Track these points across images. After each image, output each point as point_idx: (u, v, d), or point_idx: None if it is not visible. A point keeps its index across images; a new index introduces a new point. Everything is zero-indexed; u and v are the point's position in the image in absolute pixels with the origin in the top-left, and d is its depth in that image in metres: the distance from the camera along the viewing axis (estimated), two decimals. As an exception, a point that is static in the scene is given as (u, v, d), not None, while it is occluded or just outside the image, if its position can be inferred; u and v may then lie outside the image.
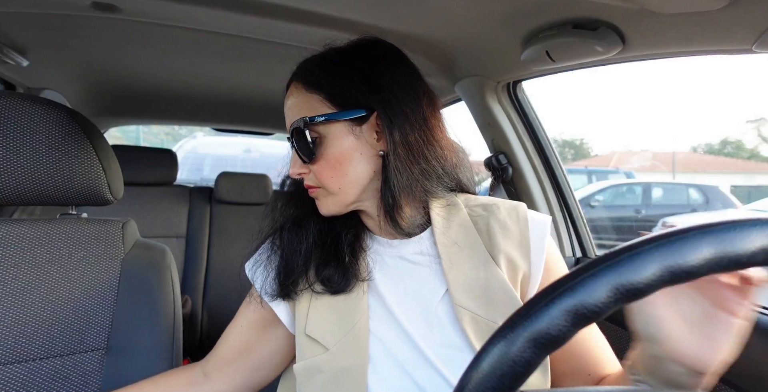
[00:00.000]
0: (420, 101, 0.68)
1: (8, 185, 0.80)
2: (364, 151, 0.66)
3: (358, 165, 0.66)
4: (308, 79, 0.68)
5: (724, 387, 0.90)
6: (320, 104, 0.66)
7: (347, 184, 0.67)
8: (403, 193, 0.66)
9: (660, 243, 0.27)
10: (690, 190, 8.55)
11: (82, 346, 0.84)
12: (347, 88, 0.66)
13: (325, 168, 0.66)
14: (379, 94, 0.65)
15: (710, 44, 0.84)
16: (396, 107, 0.65)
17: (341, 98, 0.66)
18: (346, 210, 0.71)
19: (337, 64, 0.68)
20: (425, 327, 0.66)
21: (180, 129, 9.92)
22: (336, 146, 0.66)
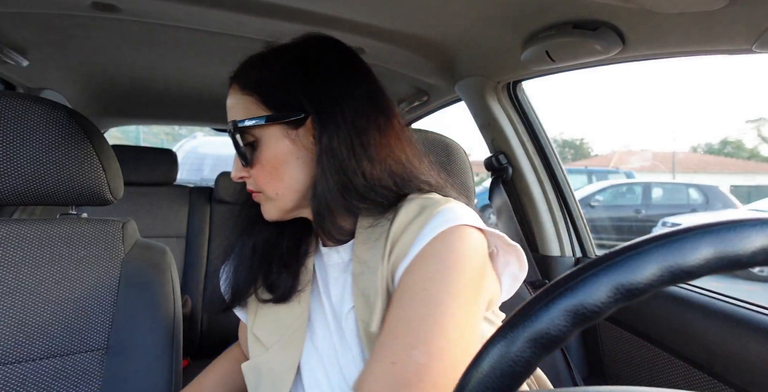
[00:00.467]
0: (359, 108, 0.63)
1: (8, 185, 0.80)
2: (301, 155, 0.63)
3: (295, 170, 0.64)
4: (243, 80, 0.65)
5: (724, 387, 0.90)
6: (255, 107, 0.63)
7: (284, 189, 0.64)
8: (330, 204, 0.62)
9: (660, 243, 0.27)
10: (690, 190, 8.55)
11: (82, 346, 0.84)
12: (282, 89, 0.63)
13: (262, 173, 0.64)
14: (313, 96, 0.62)
15: (710, 44, 0.84)
16: (329, 111, 0.61)
17: (275, 100, 0.63)
18: (289, 217, 0.68)
19: (273, 65, 0.65)
20: (338, 337, 0.65)
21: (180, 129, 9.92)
22: (271, 150, 0.63)
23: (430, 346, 0.51)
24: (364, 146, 0.62)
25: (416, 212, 0.60)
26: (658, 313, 1.08)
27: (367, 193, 0.62)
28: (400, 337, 0.53)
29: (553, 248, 1.48)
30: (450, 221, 0.57)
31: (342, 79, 0.64)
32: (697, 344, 0.97)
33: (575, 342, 1.38)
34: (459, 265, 0.55)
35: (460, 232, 0.57)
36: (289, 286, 0.69)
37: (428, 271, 0.55)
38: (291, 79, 0.63)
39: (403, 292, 0.56)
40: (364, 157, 0.62)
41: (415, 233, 0.58)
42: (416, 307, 0.53)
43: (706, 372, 0.94)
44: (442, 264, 0.55)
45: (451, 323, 0.53)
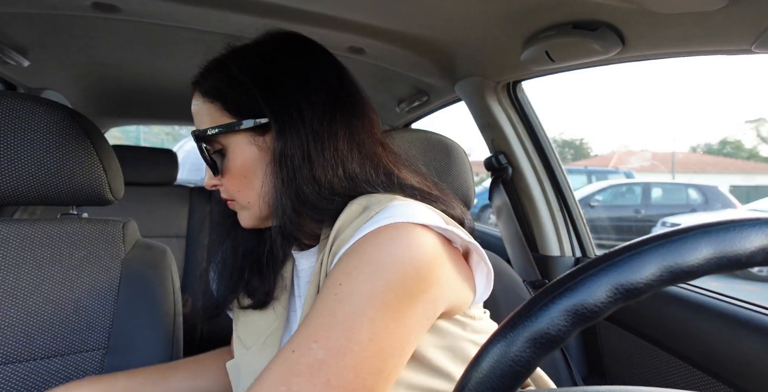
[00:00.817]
0: (317, 110, 0.59)
1: (9, 185, 0.80)
2: (269, 162, 0.60)
3: (265, 178, 0.60)
4: (204, 86, 0.63)
5: (724, 387, 0.90)
6: (218, 114, 0.61)
7: (255, 197, 0.61)
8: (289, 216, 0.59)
9: (660, 243, 0.27)
10: (689, 190, 8.55)
11: (82, 346, 0.85)
12: (242, 95, 0.60)
13: (232, 181, 0.62)
14: (271, 100, 0.59)
15: (710, 44, 0.84)
16: (287, 115, 0.58)
17: (237, 106, 0.60)
18: (265, 224, 0.66)
19: (233, 69, 0.61)
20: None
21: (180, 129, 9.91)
22: (238, 158, 0.61)
23: (330, 342, 0.47)
24: (318, 151, 0.58)
25: (357, 212, 0.56)
26: (658, 313, 1.08)
27: (318, 202, 0.58)
28: (306, 327, 0.49)
29: (553, 248, 1.48)
30: (387, 219, 0.52)
31: (303, 80, 0.60)
32: (697, 344, 0.97)
33: (575, 342, 1.38)
34: (382, 263, 0.50)
35: (394, 229, 0.51)
36: (264, 293, 0.68)
37: (347, 266, 0.51)
38: (251, 82, 0.60)
39: (324, 287, 0.52)
40: (317, 163, 0.58)
41: (350, 234, 0.54)
42: (328, 301, 0.50)
43: (706, 372, 0.94)
44: (363, 262, 0.50)
45: (360, 323, 0.48)
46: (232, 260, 0.71)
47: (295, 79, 0.60)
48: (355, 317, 0.48)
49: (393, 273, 0.50)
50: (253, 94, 0.59)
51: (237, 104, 0.60)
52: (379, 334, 0.49)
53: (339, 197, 0.59)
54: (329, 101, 0.60)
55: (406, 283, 0.50)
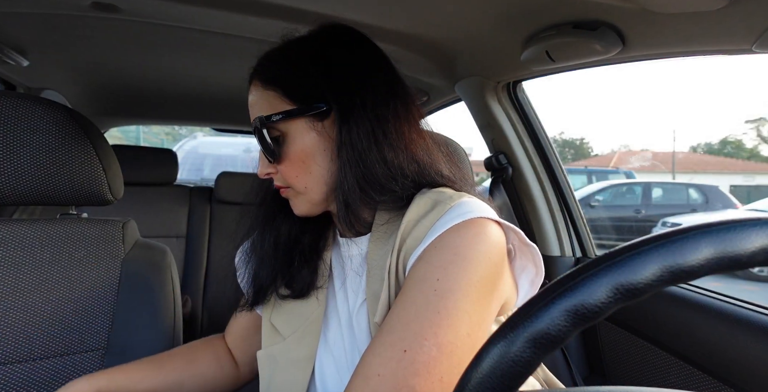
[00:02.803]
0: (379, 96, 0.62)
1: (8, 185, 0.80)
2: (328, 147, 0.62)
3: (323, 162, 0.63)
4: (265, 75, 0.65)
5: (724, 387, 0.90)
6: (278, 101, 0.62)
7: (313, 182, 0.63)
8: (350, 196, 0.61)
9: (660, 243, 0.27)
10: (690, 190, 8.55)
11: (82, 346, 0.85)
12: (304, 82, 0.62)
13: (290, 167, 0.63)
14: (333, 87, 0.61)
15: (710, 44, 0.84)
16: (349, 101, 0.61)
17: (299, 93, 0.62)
18: (318, 210, 0.67)
19: (294, 57, 0.64)
20: (348, 332, 0.65)
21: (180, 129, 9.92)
22: (298, 144, 0.62)
23: (440, 339, 0.49)
24: (385, 135, 0.61)
25: (429, 206, 0.59)
26: (658, 313, 1.08)
27: (387, 183, 0.61)
28: (411, 324, 0.50)
29: (553, 248, 1.48)
30: (466, 215, 0.55)
31: (362, 68, 0.64)
32: (697, 344, 0.97)
33: (575, 342, 1.38)
34: (474, 258, 0.53)
35: (476, 224, 0.55)
36: (307, 282, 0.69)
37: (442, 261, 0.53)
38: (312, 70, 0.62)
39: (415, 280, 0.54)
40: (385, 145, 0.61)
41: (427, 226, 0.57)
42: (428, 296, 0.51)
43: (706, 372, 0.94)
44: (457, 256, 0.53)
45: (462, 318, 0.50)
46: (272, 252, 0.71)
47: (355, 67, 0.63)
48: (457, 312, 0.50)
49: (482, 268, 0.53)
50: (315, 81, 0.61)
51: (298, 90, 0.62)
52: (474, 328, 0.51)
53: (407, 180, 0.62)
54: (387, 88, 0.64)
55: (490, 278, 0.54)
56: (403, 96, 0.65)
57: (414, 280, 0.54)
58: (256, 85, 0.65)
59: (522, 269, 0.62)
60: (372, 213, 0.65)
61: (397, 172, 0.61)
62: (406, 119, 0.64)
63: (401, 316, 0.52)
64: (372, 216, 0.65)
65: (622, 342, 1.20)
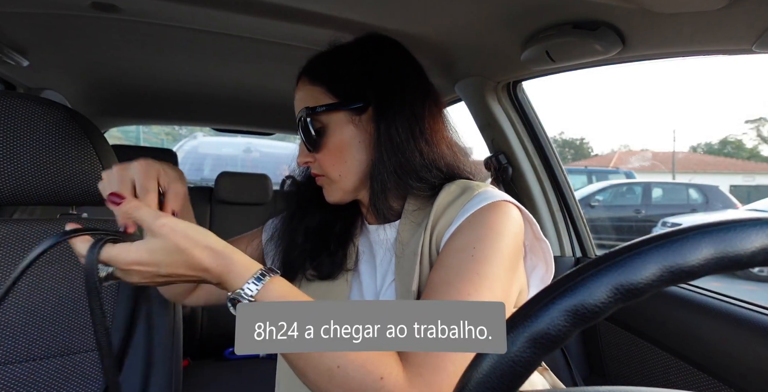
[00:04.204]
0: (416, 97, 0.70)
1: (8, 185, 0.80)
2: (363, 139, 0.69)
3: (357, 153, 0.70)
4: (312, 73, 0.72)
5: (724, 387, 0.90)
6: (323, 96, 0.69)
7: (346, 171, 0.70)
8: (387, 184, 0.68)
9: (660, 243, 0.27)
10: (690, 190, 8.55)
11: (82, 346, 0.85)
12: (347, 80, 0.70)
13: (328, 156, 0.70)
14: (375, 86, 0.69)
15: (710, 44, 0.84)
16: (389, 99, 0.68)
17: (341, 89, 0.69)
18: (349, 198, 0.74)
19: (339, 59, 0.73)
20: None
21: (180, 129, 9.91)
22: (337, 135, 0.69)
23: (480, 298, 0.54)
24: (421, 130, 0.69)
25: (458, 192, 0.67)
26: (658, 313, 1.08)
27: (423, 172, 0.68)
28: (453, 284, 0.56)
29: (553, 248, 1.48)
30: (493, 198, 0.63)
31: (400, 71, 0.72)
32: (697, 344, 0.97)
33: (575, 342, 1.38)
34: (505, 233, 0.60)
35: (503, 206, 0.63)
36: (338, 265, 0.74)
37: (476, 234, 0.60)
38: (356, 70, 0.70)
39: (453, 250, 0.60)
40: (421, 139, 0.69)
41: (457, 209, 0.64)
42: (467, 262, 0.57)
43: (706, 372, 0.94)
44: (490, 230, 0.60)
45: (497, 282, 0.56)
46: (303, 236, 0.76)
47: (394, 71, 0.72)
48: (493, 276, 0.57)
49: (512, 243, 0.61)
50: (358, 79, 0.70)
51: (341, 86, 0.69)
52: (505, 294, 0.58)
53: (439, 172, 0.69)
54: (422, 90, 0.72)
55: (517, 253, 0.62)
56: (435, 98, 0.74)
57: (452, 250, 0.61)
58: (304, 81, 0.72)
59: (533, 268, 0.69)
60: (401, 202, 0.72)
61: (431, 163, 0.69)
62: (438, 117, 0.73)
63: (443, 278, 0.58)
64: (400, 205, 0.72)
65: (622, 342, 1.20)
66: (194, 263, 0.52)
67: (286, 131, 2.91)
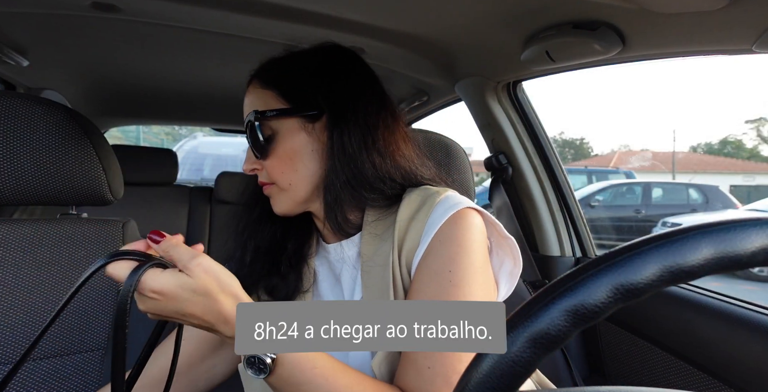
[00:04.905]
0: (371, 108, 0.68)
1: (8, 185, 0.80)
2: (316, 148, 0.67)
3: (309, 162, 0.67)
4: (264, 76, 0.70)
5: (724, 387, 0.90)
6: (274, 100, 0.67)
7: (297, 180, 0.67)
8: (340, 195, 0.66)
9: (660, 243, 0.27)
10: (690, 190, 8.55)
11: (82, 346, 0.85)
12: (300, 86, 0.68)
13: (277, 163, 0.67)
14: (330, 94, 0.67)
15: (710, 44, 0.84)
16: (343, 108, 0.67)
17: (294, 95, 0.67)
18: (299, 209, 0.70)
19: (294, 64, 0.70)
20: None
21: (180, 129, 9.92)
22: (288, 142, 0.67)
23: None
24: (374, 141, 0.67)
25: (418, 203, 0.65)
26: (658, 313, 1.08)
27: (376, 183, 0.66)
28: None
29: (553, 248, 1.48)
30: (455, 207, 0.62)
31: (356, 81, 0.70)
32: (697, 344, 0.97)
33: (575, 342, 1.38)
34: (473, 246, 0.60)
35: (466, 215, 0.62)
36: (293, 288, 0.71)
37: (449, 254, 0.59)
38: (310, 78, 0.68)
39: (429, 274, 0.60)
40: (374, 150, 0.66)
41: (422, 222, 0.63)
42: (446, 288, 0.57)
43: (706, 372, 0.94)
44: (461, 247, 0.60)
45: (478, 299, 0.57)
46: (253, 256, 0.73)
47: (350, 80, 0.70)
48: (474, 295, 0.58)
49: (481, 254, 0.61)
50: (313, 86, 0.67)
51: (295, 92, 0.67)
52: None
53: (393, 182, 0.67)
54: (377, 101, 0.70)
55: (486, 261, 0.62)
56: (391, 109, 0.72)
57: (428, 274, 0.60)
58: (255, 85, 0.70)
59: (500, 264, 0.68)
60: (359, 214, 0.70)
61: (385, 175, 0.67)
62: (394, 129, 0.70)
63: None
64: (358, 217, 0.70)
65: (622, 342, 1.20)
66: (216, 310, 0.51)
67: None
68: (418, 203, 0.65)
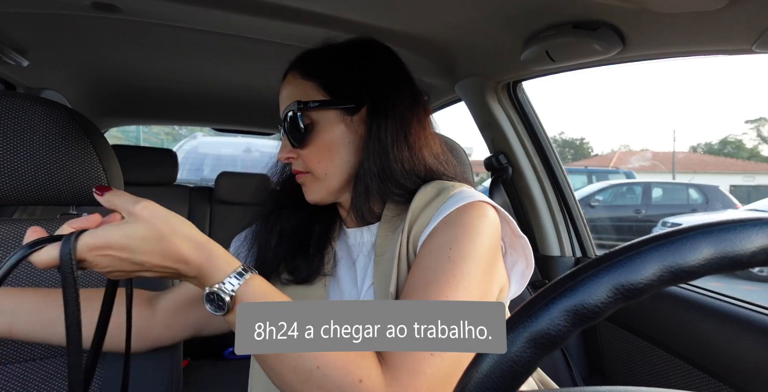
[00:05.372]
0: (406, 102, 0.70)
1: (8, 185, 0.80)
2: (352, 140, 0.69)
3: (345, 153, 0.69)
4: (305, 67, 0.71)
5: (723, 387, 0.90)
6: (314, 92, 0.69)
7: (333, 170, 0.69)
8: (370, 187, 0.68)
9: (660, 243, 0.27)
10: (690, 190, 8.55)
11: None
12: (342, 79, 0.69)
13: (315, 153, 0.69)
14: (370, 87, 0.69)
15: (710, 44, 0.84)
16: (383, 103, 0.68)
17: (335, 87, 0.69)
18: (331, 199, 0.72)
19: (334, 57, 0.72)
20: None
21: (180, 129, 9.91)
22: (327, 132, 0.68)
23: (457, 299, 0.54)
24: (406, 136, 0.69)
25: (433, 194, 0.66)
26: (658, 313, 1.08)
27: (402, 179, 0.68)
28: (430, 286, 0.56)
29: (553, 248, 1.48)
30: (469, 198, 0.63)
31: (394, 76, 0.72)
32: (697, 344, 0.97)
33: (575, 342, 1.38)
34: (481, 233, 0.60)
35: (479, 206, 0.63)
36: (315, 269, 0.72)
37: (453, 234, 0.60)
38: (351, 71, 0.70)
39: (429, 251, 0.60)
40: (405, 145, 0.68)
41: (433, 210, 0.64)
42: (444, 263, 0.57)
43: (706, 372, 0.94)
44: (466, 230, 0.60)
45: (473, 283, 0.56)
46: (277, 239, 0.74)
47: (389, 75, 0.72)
48: (470, 277, 0.57)
49: (488, 243, 0.60)
50: (354, 79, 0.69)
51: (336, 84, 0.69)
52: (483, 291, 0.58)
53: (417, 178, 0.69)
54: (412, 97, 0.72)
55: (493, 253, 0.61)
56: (423, 104, 0.74)
57: (428, 251, 0.60)
58: (295, 75, 0.71)
59: (513, 264, 0.69)
60: (381, 206, 0.72)
61: (411, 170, 0.69)
62: (424, 124, 0.72)
63: (421, 280, 0.58)
64: (380, 208, 0.71)
65: (622, 342, 1.20)
66: (173, 253, 0.49)
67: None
68: (433, 194, 0.66)
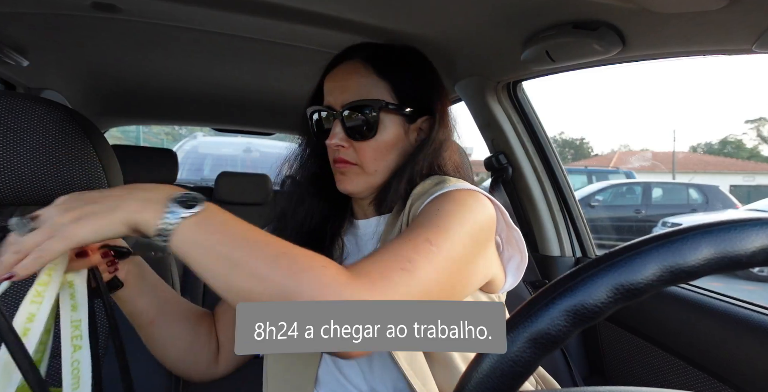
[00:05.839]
0: (450, 112, 0.78)
1: (8, 185, 0.80)
2: (404, 145, 0.74)
3: (396, 155, 0.74)
4: (381, 65, 0.73)
5: (723, 387, 0.90)
6: (387, 93, 0.72)
7: (383, 168, 0.73)
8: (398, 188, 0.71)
9: (660, 243, 0.27)
10: (690, 190, 8.56)
11: None
12: (410, 86, 0.74)
13: (372, 149, 0.72)
14: (430, 100, 0.75)
15: (710, 44, 0.84)
16: (440, 114, 0.74)
17: (404, 93, 0.73)
18: (367, 193, 0.75)
19: (406, 62, 0.76)
20: None
21: (180, 129, 9.91)
22: (388, 133, 0.72)
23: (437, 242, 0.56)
24: (449, 143, 0.76)
25: (434, 183, 0.70)
26: (658, 313, 1.08)
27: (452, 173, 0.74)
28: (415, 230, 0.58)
29: (553, 248, 1.48)
30: (462, 185, 0.67)
31: (441, 86, 0.78)
32: (697, 344, 0.97)
33: (575, 342, 1.38)
34: (472, 209, 0.62)
35: (477, 194, 0.66)
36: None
37: (443, 204, 0.62)
38: (416, 78, 0.75)
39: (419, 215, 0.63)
40: (451, 148, 0.76)
41: (432, 194, 0.66)
42: (431, 217, 0.60)
43: (706, 372, 0.94)
44: (458, 203, 0.62)
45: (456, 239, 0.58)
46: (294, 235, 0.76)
47: (439, 85, 0.78)
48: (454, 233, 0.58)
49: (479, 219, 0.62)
50: (423, 89, 0.75)
51: (405, 91, 0.73)
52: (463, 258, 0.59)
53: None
54: (449, 105, 0.78)
55: (482, 233, 0.63)
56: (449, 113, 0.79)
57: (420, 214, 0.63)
58: (368, 69, 0.73)
59: (509, 259, 0.72)
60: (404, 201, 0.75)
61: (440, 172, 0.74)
62: (453, 131, 0.79)
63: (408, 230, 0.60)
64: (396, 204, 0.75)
65: (622, 342, 1.20)
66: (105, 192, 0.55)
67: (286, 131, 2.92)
68: (433, 183, 0.70)
